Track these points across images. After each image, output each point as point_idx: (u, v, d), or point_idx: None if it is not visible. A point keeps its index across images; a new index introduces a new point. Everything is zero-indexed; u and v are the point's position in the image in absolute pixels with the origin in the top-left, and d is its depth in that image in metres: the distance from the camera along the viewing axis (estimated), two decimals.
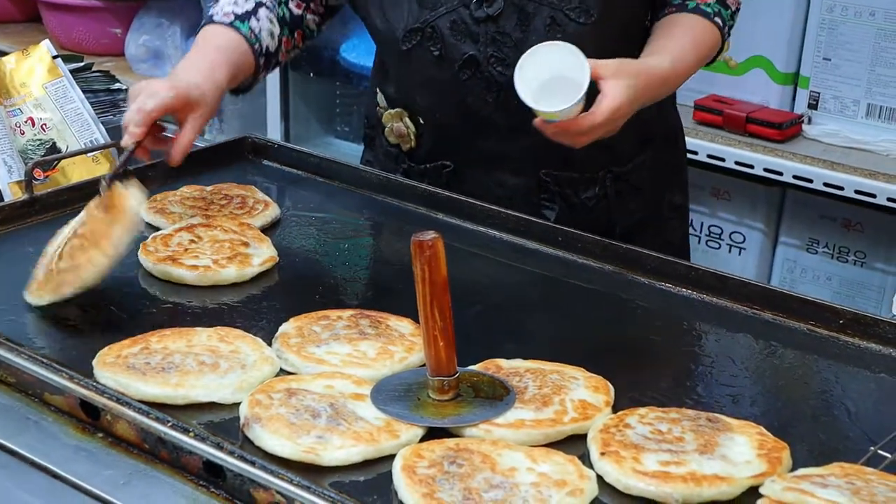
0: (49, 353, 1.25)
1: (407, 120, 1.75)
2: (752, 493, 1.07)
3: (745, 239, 2.79)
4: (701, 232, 2.86)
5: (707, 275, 1.51)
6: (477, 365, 1.28)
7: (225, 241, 1.55)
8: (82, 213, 1.45)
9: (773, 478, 1.05)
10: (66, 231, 1.43)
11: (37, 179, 1.76)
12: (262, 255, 1.53)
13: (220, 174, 1.85)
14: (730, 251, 2.82)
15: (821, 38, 2.53)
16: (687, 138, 2.58)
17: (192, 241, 1.55)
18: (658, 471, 1.09)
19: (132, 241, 1.44)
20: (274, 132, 3.07)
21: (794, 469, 1.11)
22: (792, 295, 1.46)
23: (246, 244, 1.55)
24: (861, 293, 2.64)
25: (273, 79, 3.03)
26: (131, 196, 1.43)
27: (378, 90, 1.80)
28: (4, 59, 1.92)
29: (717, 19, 1.67)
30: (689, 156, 2.60)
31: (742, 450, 1.13)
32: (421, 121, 1.74)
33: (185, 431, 1.11)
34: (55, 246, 1.41)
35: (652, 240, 1.69)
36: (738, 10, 1.73)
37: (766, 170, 2.53)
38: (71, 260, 1.35)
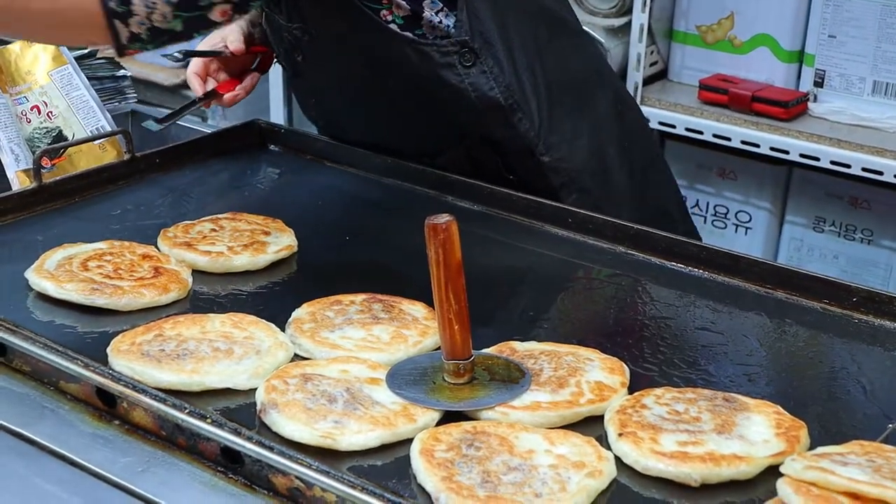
0: (63, 342, 1.24)
1: None
2: (771, 472, 1.07)
3: (751, 218, 2.79)
4: (706, 212, 2.86)
5: (719, 254, 1.51)
6: (491, 348, 1.28)
7: (246, 231, 1.54)
8: None
9: (794, 456, 1.05)
10: None
11: (44, 168, 1.76)
12: (280, 243, 1.52)
13: (228, 160, 1.85)
14: (736, 231, 2.82)
15: (826, 15, 2.52)
16: (692, 118, 2.61)
17: (214, 230, 1.55)
18: (676, 451, 1.08)
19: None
20: (277, 117, 3.06)
21: (812, 448, 1.11)
22: (805, 273, 1.46)
23: (267, 233, 1.54)
24: (868, 271, 2.64)
25: (275, 64, 3.02)
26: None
27: None
28: (10, 46, 1.91)
29: None
30: (695, 135, 2.62)
31: (760, 429, 1.12)
32: None
33: (203, 418, 1.10)
34: None
35: None
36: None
37: (772, 148, 2.53)
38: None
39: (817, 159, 2.47)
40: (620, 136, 1.80)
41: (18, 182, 1.77)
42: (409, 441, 1.11)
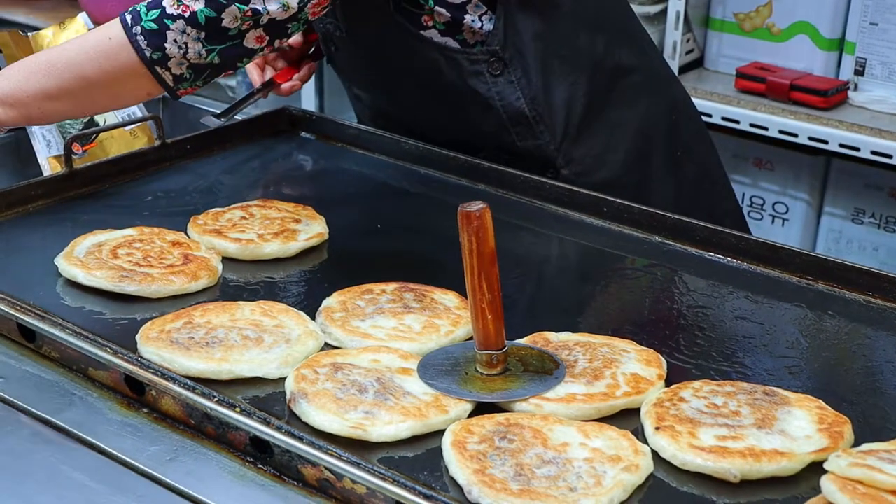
0: (92, 328, 1.23)
1: None
2: (812, 469, 1.04)
3: (788, 209, 2.75)
4: (743, 202, 2.82)
5: (758, 245, 1.48)
6: (525, 338, 1.26)
7: (276, 219, 1.53)
8: None
9: (838, 453, 1.02)
10: None
11: (75, 153, 1.75)
12: (310, 231, 1.51)
13: (259, 147, 1.83)
14: (773, 222, 2.77)
15: (867, 2, 2.47)
16: (729, 107, 2.57)
17: (244, 217, 1.53)
18: (715, 445, 1.06)
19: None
20: (309, 104, 3.05)
21: (855, 444, 1.08)
22: (847, 264, 1.42)
23: (297, 220, 1.53)
24: None
25: None
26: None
27: None
28: (42, 32, 1.90)
29: (127, 16, 1.45)
30: (731, 125, 2.57)
31: (801, 424, 1.10)
32: None
33: (232, 407, 1.09)
34: None
35: None
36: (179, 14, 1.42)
37: (810, 138, 2.49)
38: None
39: (857, 149, 2.43)
40: (672, 146, 1.77)
41: (50, 168, 1.77)
42: (441, 433, 1.09)
